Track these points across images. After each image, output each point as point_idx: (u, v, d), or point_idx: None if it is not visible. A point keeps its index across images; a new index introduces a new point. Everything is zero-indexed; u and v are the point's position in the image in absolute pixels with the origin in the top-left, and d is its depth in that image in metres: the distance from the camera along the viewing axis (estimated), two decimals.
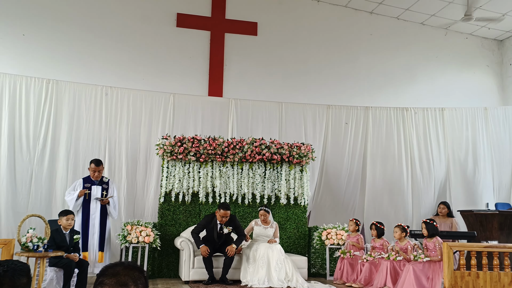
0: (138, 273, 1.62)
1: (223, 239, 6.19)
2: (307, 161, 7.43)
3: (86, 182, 6.30)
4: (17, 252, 4.73)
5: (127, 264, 1.65)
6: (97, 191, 6.26)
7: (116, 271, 1.59)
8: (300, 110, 8.65)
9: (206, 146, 7.05)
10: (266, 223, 6.44)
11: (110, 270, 1.60)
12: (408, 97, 9.26)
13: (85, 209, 6.20)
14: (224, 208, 6.14)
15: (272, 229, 6.46)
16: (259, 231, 6.40)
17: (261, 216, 6.43)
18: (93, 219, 6.20)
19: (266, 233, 6.39)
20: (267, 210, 6.45)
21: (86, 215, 6.18)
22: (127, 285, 1.56)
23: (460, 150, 8.84)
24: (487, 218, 6.92)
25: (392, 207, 8.51)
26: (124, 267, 1.62)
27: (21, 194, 7.00)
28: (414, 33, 9.60)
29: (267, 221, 6.44)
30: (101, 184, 6.33)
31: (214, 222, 6.20)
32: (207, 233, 6.23)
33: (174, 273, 6.81)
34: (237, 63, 8.73)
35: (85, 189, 6.22)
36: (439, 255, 5.57)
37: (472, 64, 9.78)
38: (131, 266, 1.64)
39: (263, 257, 6.02)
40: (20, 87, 7.24)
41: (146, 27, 8.41)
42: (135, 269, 1.63)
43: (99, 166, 6.36)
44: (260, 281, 5.85)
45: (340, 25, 9.33)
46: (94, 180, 6.32)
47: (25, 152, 7.13)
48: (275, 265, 5.97)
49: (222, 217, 6.15)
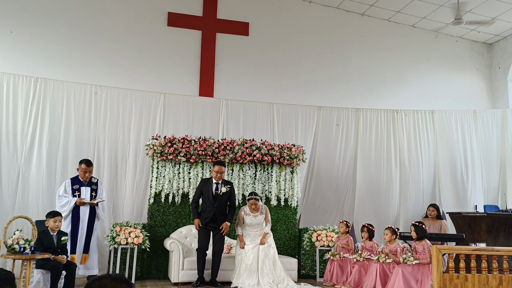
0: (125, 286, 1.59)
1: (218, 202, 6.09)
2: (297, 162, 7.42)
3: (74, 183, 6.16)
4: (3, 254, 4.66)
5: (114, 276, 1.61)
6: (86, 192, 6.12)
7: (103, 285, 1.54)
8: (291, 111, 8.64)
9: (197, 146, 7.01)
10: (255, 211, 6.30)
11: (97, 283, 1.56)
12: (399, 99, 9.30)
13: (75, 211, 6.05)
14: (218, 164, 6.14)
15: (263, 215, 6.32)
16: (250, 221, 6.25)
17: (252, 205, 6.26)
18: (83, 222, 6.07)
19: (257, 221, 6.26)
20: (256, 198, 6.27)
21: (75, 217, 6.02)
22: None
23: (450, 153, 8.90)
24: (476, 220, 6.97)
25: (382, 209, 8.54)
26: (111, 280, 1.58)
27: (7, 194, 6.89)
28: (405, 36, 9.65)
29: (256, 208, 6.30)
30: (90, 185, 6.20)
31: (210, 182, 6.17)
32: (203, 195, 6.15)
33: (163, 275, 6.76)
34: (229, 63, 8.69)
35: (81, 198, 6.06)
36: (428, 258, 5.59)
37: (462, 67, 9.87)
38: (118, 278, 1.60)
39: (254, 262, 5.99)
40: (7, 85, 7.12)
41: (137, 25, 8.34)
42: (123, 282, 1.59)
43: (90, 166, 6.24)
44: (250, 285, 5.83)
45: (331, 27, 9.34)
46: (83, 180, 6.19)
47: (12, 151, 7.01)
48: (266, 269, 5.96)
49: (217, 173, 6.10)
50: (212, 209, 6.05)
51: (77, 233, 5.96)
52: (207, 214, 6.05)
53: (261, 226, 6.29)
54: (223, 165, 6.18)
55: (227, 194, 6.17)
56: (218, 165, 6.14)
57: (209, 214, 6.05)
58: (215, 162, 6.25)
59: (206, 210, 6.09)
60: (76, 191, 6.06)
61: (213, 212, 6.04)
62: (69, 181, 6.17)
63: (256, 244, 6.13)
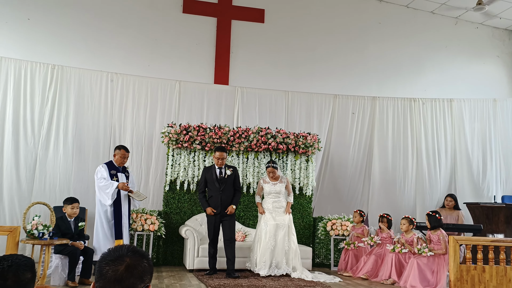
0: (145, 263, 1.49)
1: (224, 185, 5.97)
2: (313, 151, 7.37)
3: (111, 168, 5.80)
4: (22, 239, 4.74)
5: (133, 250, 1.49)
6: (122, 179, 5.82)
7: (119, 275, 1.43)
8: (306, 99, 8.57)
9: (212, 134, 7.01)
10: (275, 179, 6.26)
11: (111, 270, 1.44)
12: (416, 88, 9.14)
13: (117, 197, 5.72)
14: (219, 150, 6.03)
15: (282, 184, 6.26)
16: (269, 189, 6.22)
17: (269, 173, 6.23)
18: (123, 208, 5.79)
19: (276, 189, 6.21)
20: (274, 166, 6.21)
21: (118, 203, 5.71)
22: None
23: (468, 142, 8.76)
24: (494, 211, 6.87)
25: (397, 198, 8.46)
26: (132, 254, 1.48)
27: (25, 180, 7.00)
28: (424, 22, 9.44)
29: (275, 177, 6.26)
30: (124, 171, 5.93)
31: (212, 169, 6.08)
32: (208, 182, 6.04)
33: (179, 261, 6.83)
34: (244, 50, 8.62)
35: (124, 183, 5.70)
36: (443, 248, 5.53)
37: (482, 54, 9.62)
38: (137, 253, 1.49)
39: (271, 242, 5.96)
40: (25, 72, 7.20)
41: (152, 12, 8.30)
42: (143, 258, 1.49)
43: (128, 152, 5.97)
44: (266, 264, 5.86)
45: (348, 13, 9.17)
46: (118, 166, 5.86)
47: (29, 138, 7.11)
48: (283, 255, 5.97)
49: (218, 159, 6.00)
50: (219, 194, 5.95)
51: (121, 219, 5.68)
52: (215, 201, 5.95)
53: (280, 196, 6.22)
54: (224, 151, 6.05)
55: (232, 177, 6.05)
56: (219, 151, 6.01)
57: (216, 200, 5.94)
58: (216, 148, 6.10)
59: (212, 197, 5.99)
60: (114, 177, 5.76)
61: (220, 197, 5.94)
62: (105, 166, 5.82)
63: (276, 223, 6.04)
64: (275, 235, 6.00)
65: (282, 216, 6.15)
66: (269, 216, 6.12)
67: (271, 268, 5.92)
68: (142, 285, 1.47)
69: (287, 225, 6.09)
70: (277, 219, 6.10)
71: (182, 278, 5.76)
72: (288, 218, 6.18)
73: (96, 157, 7.37)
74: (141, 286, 1.47)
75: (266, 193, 6.26)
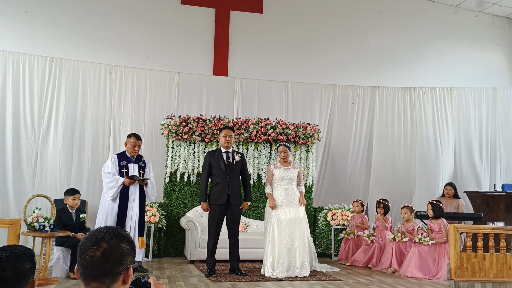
0: (127, 246, 1.49)
1: (232, 173, 5.38)
2: (313, 141, 7.37)
3: (121, 159, 5.48)
4: (23, 232, 4.75)
5: (108, 244, 1.46)
6: (133, 169, 5.49)
7: (95, 260, 1.44)
8: (306, 89, 8.54)
9: (211, 126, 7.00)
10: (287, 163, 5.57)
11: (88, 255, 1.44)
12: (416, 77, 9.10)
13: (124, 191, 5.39)
14: (226, 128, 5.55)
15: (295, 170, 5.55)
16: (281, 174, 5.49)
17: (281, 153, 5.54)
18: (132, 201, 5.44)
19: (289, 175, 5.50)
20: (287, 145, 5.58)
21: (124, 198, 5.37)
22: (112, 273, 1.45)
23: (468, 131, 8.75)
24: (494, 200, 6.87)
25: (397, 188, 8.47)
26: (111, 236, 1.46)
27: (26, 173, 7.01)
28: (423, 11, 9.37)
29: (287, 160, 5.57)
30: (137, 162, 5.56)
31: (218, 153, 5.47)
32: (213, 168, 5.41)
33: (180, 253, 6.86)
34: (243, 41, 8.58)
35: (129, 176, 5.39)
36: (444, 237, 5.54)
37: (482, 42, 9.57)
38: (119, 235, 1.48)
39: (287, 237, 5.29)
40: (23, 65, 7.18)
41: (150, 3, 8.25)
42: (124, 240, 1.48)
43: (139, 140, 5.57)
44: (283, 266, 5.19)
45: (347, 2, 9.11)
46: (130, 156, 5.54)
47: (29, 131, 7.11)
48: (301, 247, 5.31)
49: (226, 137, 5.41)
50: (226, 182, 5.31)
51: (125, 215, 5.36)
52: (221, 190, 5.29)
53: (293, 183, 5.54)
54: (232, 130, 5.57)
55: (240, 164, 5.46)
56: (226, 129, 5.49)
57: (223, 188, 5.30)
58: (223, 127, 5.64)
59: (218, 184, 5.32)
60: (124, 168, 5.43)
61: (227, 185, 5.30)
62: (115, 157, 5.51)
63: (290, 217, 5.36)
64: (291, 232, 5.31)
65: (297, 207, 5.46)
66: (281, 210, 5.41)
67: (290, 270, 5.21)
68: (121, 268, 1.47)
69: (303, 218, 5.44)
70: (291, 212, 5.39)
71: (184, 269, 5.78)
72: (303, 210, 5.52)
73: (96, 150, 7.38)
74: (120, 269, 1.47)
75: (277, 180, 5.51)
